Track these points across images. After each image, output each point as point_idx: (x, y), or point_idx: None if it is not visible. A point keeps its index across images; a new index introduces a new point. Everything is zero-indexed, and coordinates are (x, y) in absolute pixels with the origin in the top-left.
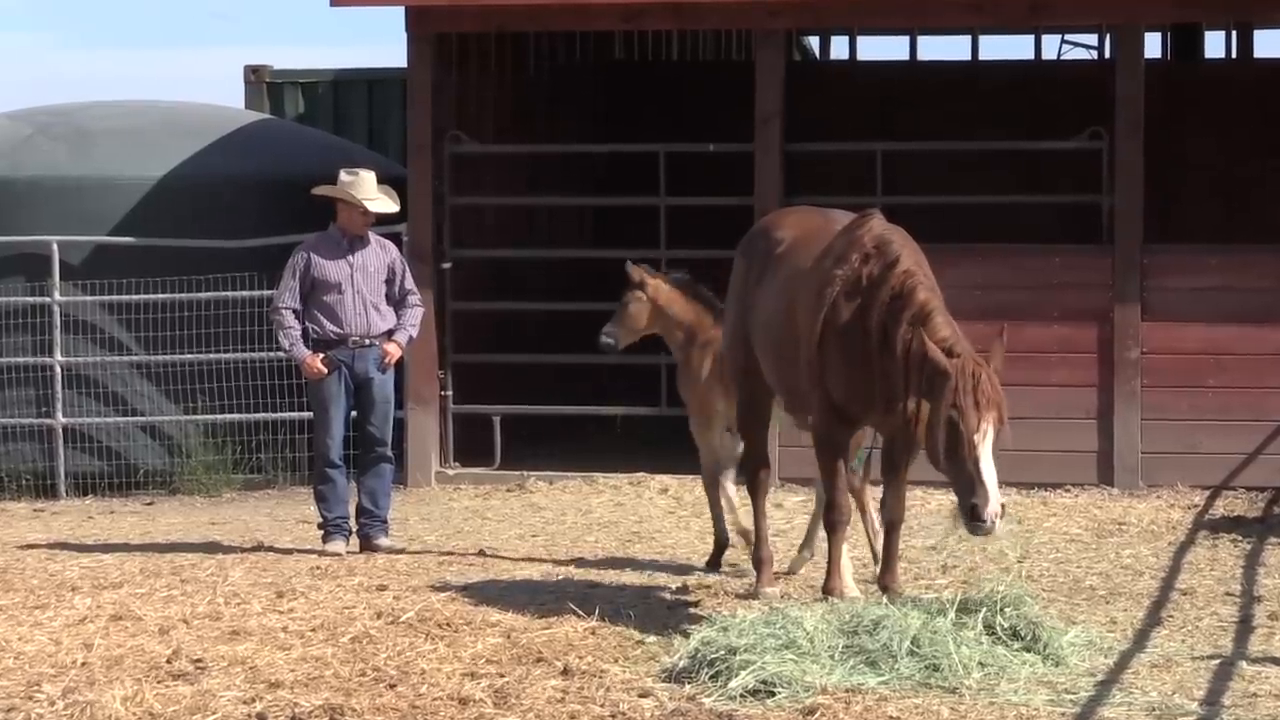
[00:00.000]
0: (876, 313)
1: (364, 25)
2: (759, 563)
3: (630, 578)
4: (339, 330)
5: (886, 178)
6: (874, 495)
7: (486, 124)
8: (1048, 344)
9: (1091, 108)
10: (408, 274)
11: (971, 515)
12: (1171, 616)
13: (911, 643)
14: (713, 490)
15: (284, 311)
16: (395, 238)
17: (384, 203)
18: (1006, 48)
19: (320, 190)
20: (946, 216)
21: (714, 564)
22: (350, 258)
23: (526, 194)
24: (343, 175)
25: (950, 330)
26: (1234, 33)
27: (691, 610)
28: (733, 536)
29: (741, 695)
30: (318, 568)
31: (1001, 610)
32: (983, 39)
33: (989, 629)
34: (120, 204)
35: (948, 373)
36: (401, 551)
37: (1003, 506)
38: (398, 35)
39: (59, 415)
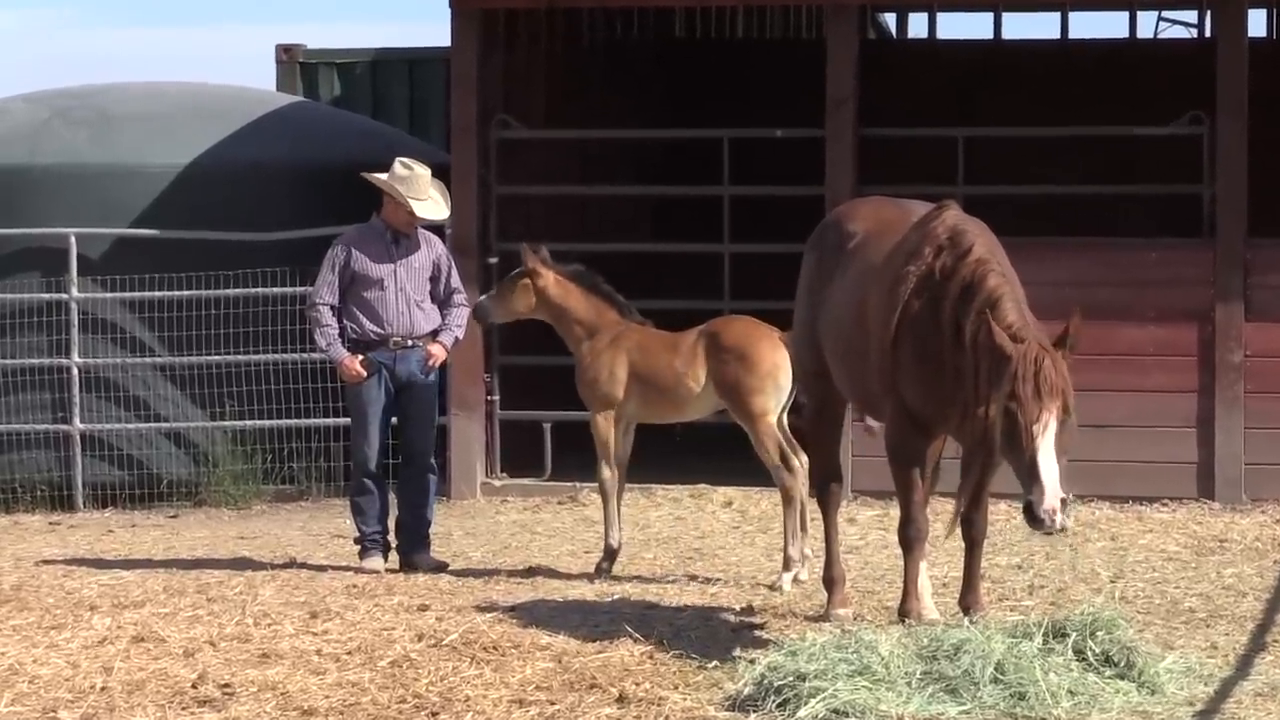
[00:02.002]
0: (949, 306)
1: (404, 1)
2: (830, 583)
3: (691, 598)
4: (380, 330)
5: (968, 166)
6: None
7: (536, 107)
8: (1143, 346)
9: (1191, 90)
10: (454, 271)
11: (1028, 512)
12: (1277, 641)
13: (995, 669)
14: (608, 493)
15: (321, 308)
16: (437, 230)
17: (432, 207)
18: (1099, 25)
19: (369, 177)
20: (1033, 208)
21: (601, 571)
22: (394, 253)
23: (579, 183)
24: (397, 167)
25: (1018, 315)
26: None
27: (757, 633)
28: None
29: None
30: (354, 586)
31: (1093, 634)
32: (1073, 16)
33: (1079, 654)
34: (143, 193)
35: (1009, 357)
36: (444, 568)
37: (1063, 501)
38: (441, 11)
39: (76, 421)
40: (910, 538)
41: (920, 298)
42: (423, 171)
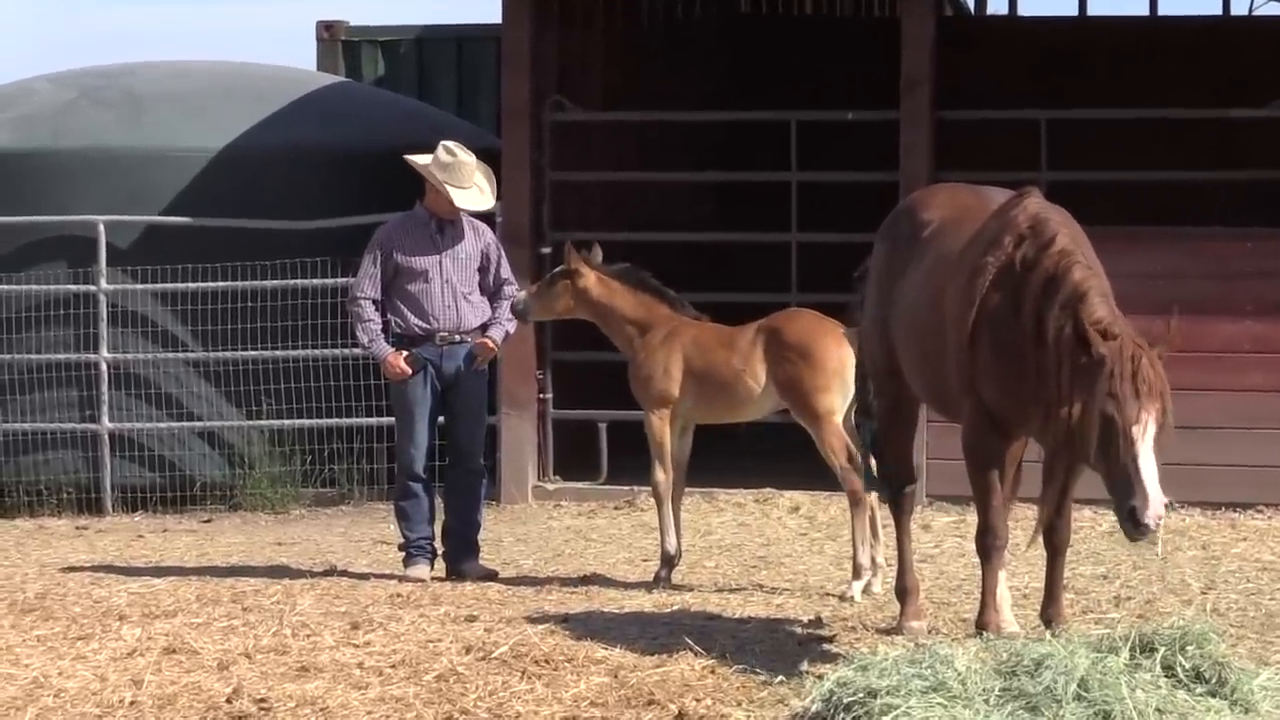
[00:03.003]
0: (1030, 300)
1: None
2: (903, 593)
3: (756, 608)
4: (425, 325)
5: (1051, 150)
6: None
7: (593, 88)
8: (1238, 342)
9: None
10: (504, 261)
11: (1130, 519)
12: None
13: (1079, 685)
14: (663, 497)
15: (363, 302)
16: (488, 218)
17: (475, 196)
18: (1191, 1)
19: (411, 160)
20: (1120, 195)
21: (659, 580)
22: (439, 243)
23: (637, 168)
24: (440, 153)
25: (1107, 310)
26: None
27: (825, 647)
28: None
29: None
30: (398, 595)
31: (1183, 649)
32: None
33: (1168, 670)
34: (174, 179)
35: (1103, 356)
36: (494, 577)
37: (1167, 506)
38: None
39: (105, 420)
40: (988, 546)
41: (1000, 291)
42: (467, 158)
